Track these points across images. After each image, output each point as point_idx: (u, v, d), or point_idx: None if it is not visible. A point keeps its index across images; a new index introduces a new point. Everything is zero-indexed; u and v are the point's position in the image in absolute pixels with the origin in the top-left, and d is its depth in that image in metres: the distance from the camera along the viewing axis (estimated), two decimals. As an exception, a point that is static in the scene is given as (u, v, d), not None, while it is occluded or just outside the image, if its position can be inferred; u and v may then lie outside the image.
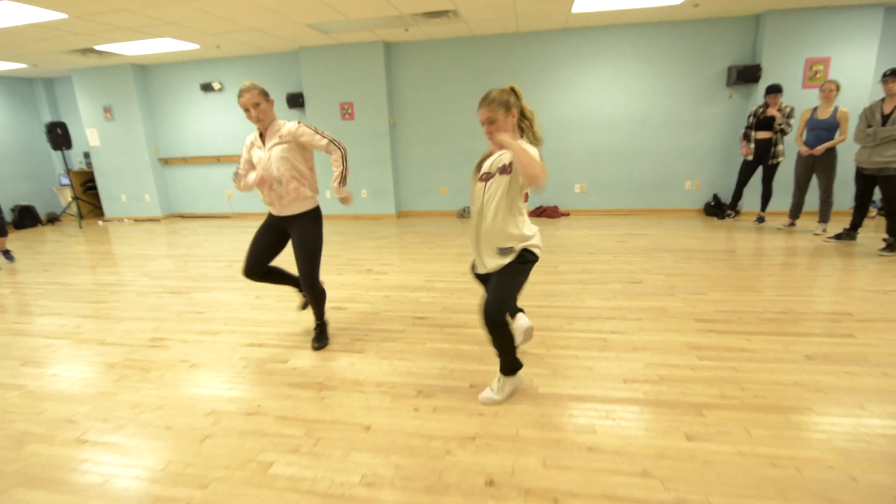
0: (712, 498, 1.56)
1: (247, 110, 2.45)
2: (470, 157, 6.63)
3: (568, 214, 6.57)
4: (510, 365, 2.15)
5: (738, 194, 5.68)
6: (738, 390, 2.19)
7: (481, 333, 2.91)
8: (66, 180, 7.71)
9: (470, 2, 4.57)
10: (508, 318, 2.10)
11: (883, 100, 4.18)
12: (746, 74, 5.54)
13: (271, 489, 1.69)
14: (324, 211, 2.75)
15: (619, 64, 6.01)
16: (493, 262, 2.04)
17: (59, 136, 7.02)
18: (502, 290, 1.98)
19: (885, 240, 4.28)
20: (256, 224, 2.84)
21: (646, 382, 2.29)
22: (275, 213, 2.64)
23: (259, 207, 7.52)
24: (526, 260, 2.03)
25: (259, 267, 2.71)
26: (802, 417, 1.97)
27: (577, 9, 4.95)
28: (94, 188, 7.93)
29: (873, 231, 5.00)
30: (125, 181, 7.59)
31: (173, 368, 2.65)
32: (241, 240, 5.99)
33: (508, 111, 1.97)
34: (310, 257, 2.61)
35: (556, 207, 6.55)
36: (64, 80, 7.82)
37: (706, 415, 2.02)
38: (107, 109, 7.22)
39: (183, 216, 7.81)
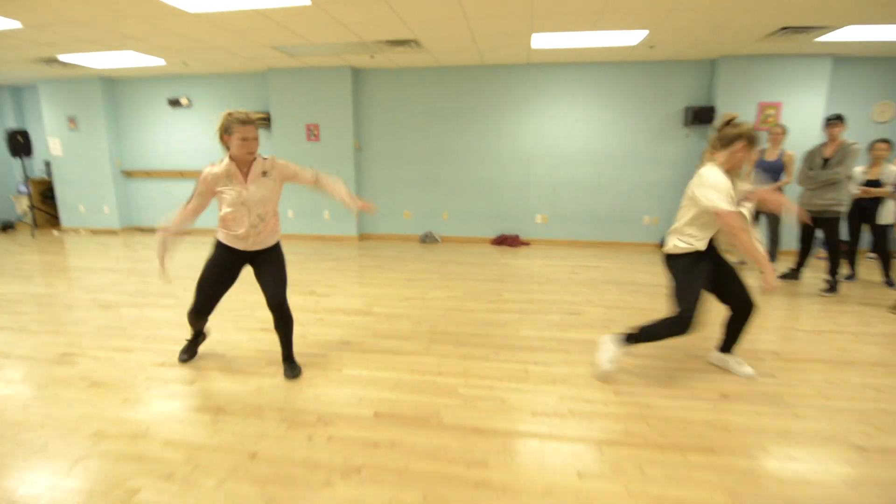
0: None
1: (244, 140, 2.27)
2: (433, 183, 6.67)
3: (528, 244, 6.58)
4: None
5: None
6: (645, 427, 2.14)
7: (402, 361, 2.84)
8: (24, 188, 7.54)
9: (429, 33, 4.67)
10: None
11: (825, 144, 4.32)
12: (702, 115, 5.71)
13: None
14: (283, 230, 2.62)
15: (582, 100, 6.16)
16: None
17: (19, 143, 6.89)
18: None
19: (826, 280, 4.35)
20: (209, 241, 2.55)
21: (554, 416, 2.23)
22: (242, 248, 2.48)
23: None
24: None
25: (211, 309, 2.62)
26: (701, 457, 1.93)
27: (535, 45, 5.09)
28: (53, 197, 7.76)
29: (820, 271, 5.09)
30: (85, 192, 7.44)
31: (72, 386, 2.51)
32: (191, 256, 5.85)
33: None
34: (283, 281, 2.55)
35: (517, 236, 6.57)
36: (30, 89, 7.75)
37: (605, 452, 1.96)
38: (71, 120, 7.14)
39: (142, 229, 7.65)
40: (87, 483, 1.76)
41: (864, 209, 4.50)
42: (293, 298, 4.06)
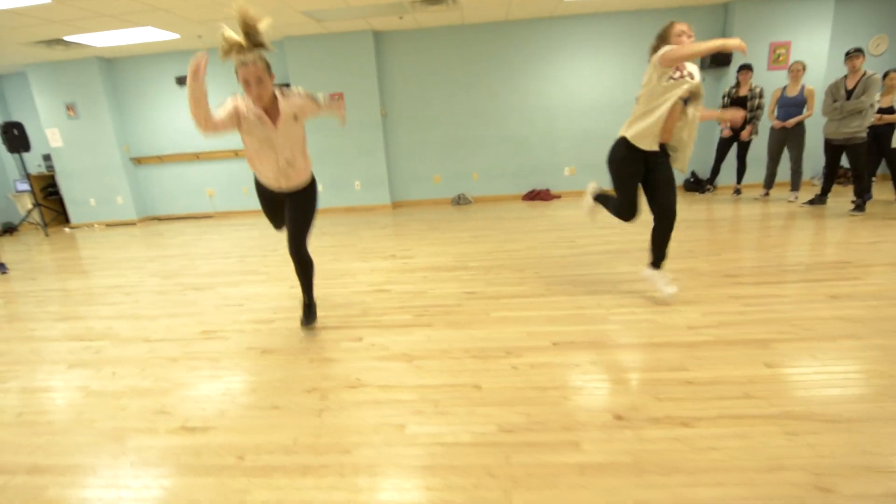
0: (813, 407, 1.79)
1: (246, 84, 2.04)
2: (461, 145, 6.75)
3: (559, 197, 6.84)
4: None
5: (716, 170, 6.15)
6: (790, 326, 2.46)
7: (537, 302, 3.06)
8: (24, 186, 7.09)
9: (472, -12, 4.68)
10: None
11: (846, 76, 4.70)
12: (719, 58, 6.00)
13: (417, 446, 1.75)
14: (327, 205, 2.74)
15: (602, 50, 6.32)
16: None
17: (15, 137, 6.45)
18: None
19: (853, 202, 4.82)
20: (240, 223, 2.82)
21: (709, 327, 2.52)
22: (275, 188, 2.43)
23: (243, 205, 7.27)
24: None
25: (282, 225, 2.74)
26: (853, 342, 2.26)
27: (570, -3, 5.19)
28: (57, 193, 7.35)
29: (840, 196, 5.60)
30: (93, 184, 7.09)
31: (245, 356, 2.60)
32: (232, 237, 5.78)
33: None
34: (305, 221, 2.48)
35: (547, 190, 6.80)
36: (16, 77, 7.17)
37: (773, 347, 2.27)
38: (69, 107, 6.71)
39: (160, 218, 7.40)
40: (351, 427, 1.92)
41: (879, 135, 4.96)
42: (380, 263, 4.19)
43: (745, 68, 5.56)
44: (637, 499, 1.45)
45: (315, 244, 5.08)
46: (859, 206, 4.77)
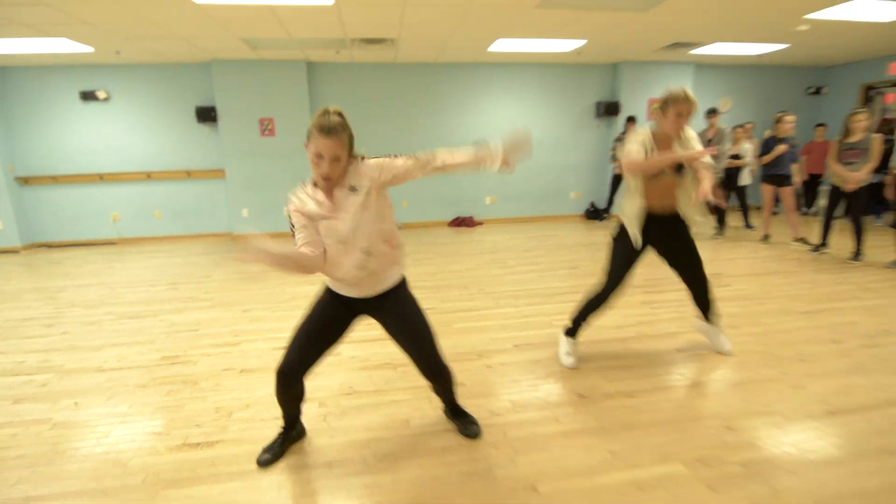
0: (715, 374, 2.39)
1: (319, 158, 1.53)
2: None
3: (482, 223, 7.45)
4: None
5: (610, 200, 7.23)
6: (689, 323, 3.14)
7: (487, 314, 3.46)
8: None
9: (410, 33, 5.14)
10: None
11: (706, 129, 5.96)
12: (609, 108, 7.16)
13: (426, 435, 2.02)
14: (242, 230, 2.72)
15: (520, 95, 7.17)
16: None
17: None
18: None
19: (714, 227, 6.06)
20: (155, 249, 2.26)
21: (631, 326, 3.12)
22: (358, 295, 1.76)
23: (154, 230, 6.79)
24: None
25: (302, 371, 1.78)
26: (732, 330, 2.99)
27: (493, 48, 5.90)
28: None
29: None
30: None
31: (224, 376, 2.62)
32: (151, 265, 5.43)
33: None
34: (430, 336, 1.84)
35: (471, 217, 7.38)
36: None
37: (680, 337, 2.91)
38: None
39: (50, 245, 6.60)
40: (360, 426, 2.11)
41: (731, 175, 6.31)
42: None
43: (631, 119, 6.73)
44: (609, 449, 1.88)
45: (249, 268, 5.01)
46: (719, 232, 6.00)
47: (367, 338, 2.94)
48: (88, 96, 6.21)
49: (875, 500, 1.57)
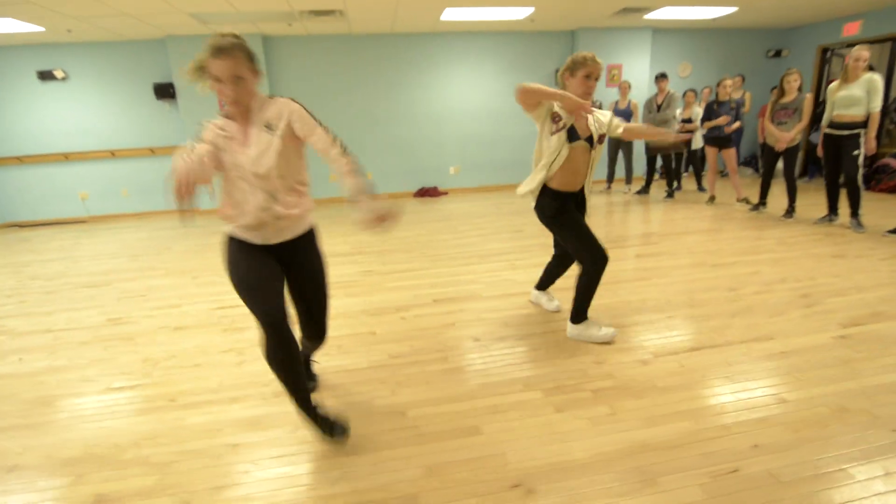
0: (638, 317, 2.63)
1: (217, 83, 1.44)
2: (354, 146, 7.20)
3: (447, 193, 7.61)
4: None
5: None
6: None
7: (420, 273, 3.68)
8: None
9: (357, 4, 5.19)
10: None
11: (656, 94, 6.07)
12: (569, 75, 7.23)
13: (326, 374, 2.25)
14: (208, 206, 2.94)
15: (478, 64, 7.22)
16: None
17: None
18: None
19: (666, 191, 6.24)
20: (122, 225, 2.33)
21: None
22: (261, 241, 1.64)
23: (121, 207, 6.93)
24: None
25: (283, 310, 1.56)
26: (639, 283, 3.22)
27: (444, 17, 5.93)
28: None
29: (661, 187, 7.10)
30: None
31: (158, 333, 2.84)
32: (123, 240, 5.60)
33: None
34: (327, 297, 1.79)
35: (436, 188, 7.53)
36: None
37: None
38: None
39: (21, 225, 6.74)
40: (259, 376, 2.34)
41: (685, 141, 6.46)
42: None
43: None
44: (481, 382, 2.12)
45: (209, 241, 5.20)
46: (670, 195, 6.19)
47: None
48: (46, 76, 6.25)
49: (695, 421, 1.81)
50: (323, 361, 2.36)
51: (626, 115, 6.58)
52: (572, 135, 2.23)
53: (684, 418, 1.79)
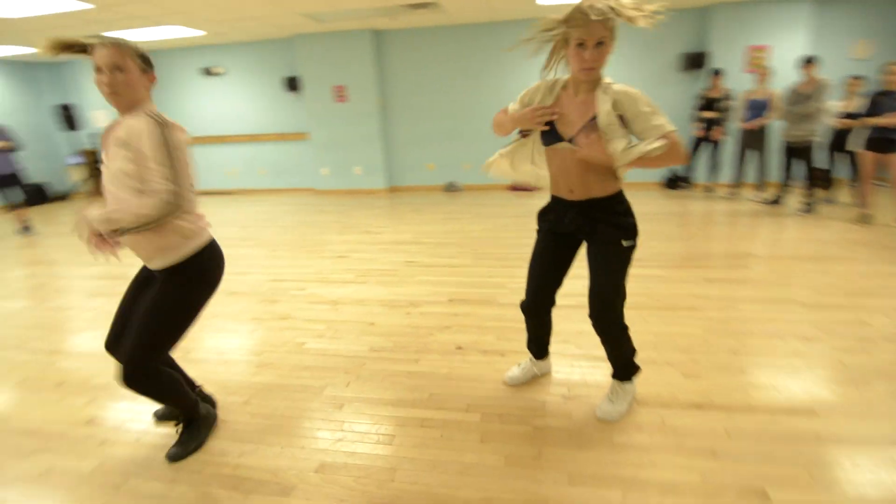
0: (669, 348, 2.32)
1: (98, 72, 1.42)
2: (454, 136, 7.31)
3: (542, 188, 7.28)
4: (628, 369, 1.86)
5: (689, 168, 6.44)
6: (646, 299, 2.94)
7: (458, 270, 3.65)
8: (75, 159, 8.21)
9: (451, -5, 5.21)
10: None
11: (802, 82, 4.93)
12: (695, 61, 6.27)
13: (307, 354, 2.43)
14: (319, 186, 3.04)
15: (587, 50, 6.69)
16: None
17: (69, 117, 7.52)
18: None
19: (802, 202, 5.08)
20: (252, 200, 2.89)
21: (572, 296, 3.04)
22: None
23: (258, 184, 8.12)
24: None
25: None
26: (684, 312, 2.74)
27: (541, 1, 5.61)
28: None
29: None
30: (133, 160, 8.13)
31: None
32: (245, 212, 6.60)
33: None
34: (151, 325, 1.56)
35: (529, 182, 7.26)
36: (70, 65, 8.26)
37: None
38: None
39: (188, 193, 8.38)
40: (269, 343, 2.60)
41: (839, 138, 5.17)
42: (354, 236, 4.85)
43: (717, 73, 5.82)
44: (433, 392, 2.07)
45: (308, 219, 5.82)
46: (807, 208, 5.03)
47: (339, 280, 3.38)
48: (208, 72, 7.58)
49: (625, 493, 1.53)
50: (310, 341, 2.54)
51: (762, 107, 5.49)
52: (550, 136, 1.64)
53: (615, 486, 1.52)
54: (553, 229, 1.82)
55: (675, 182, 6.76)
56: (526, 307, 1.95)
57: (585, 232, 1.72)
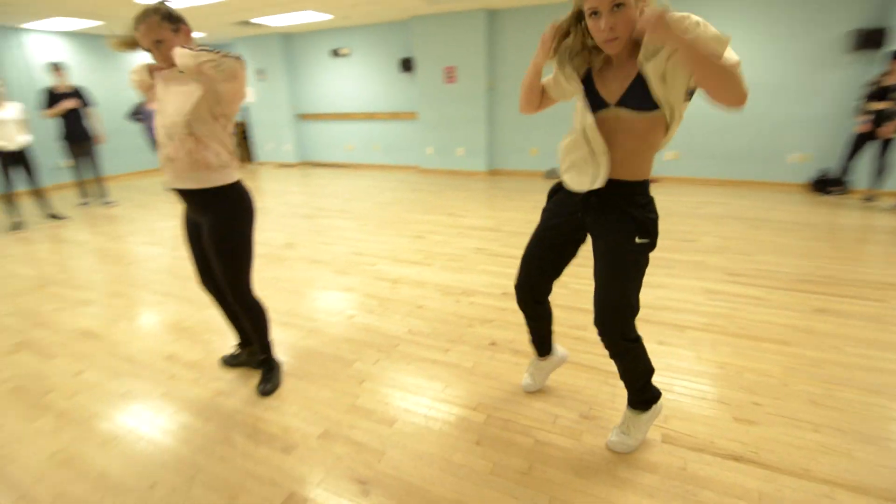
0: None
1: (149, 52, 1.67)
2: (561, 120, 6.96)
3: (656, 181, 6.63)
4: (643, 395, 1.64)
5: (845, 168, 5.31)
6: (727, 322, 2.56)
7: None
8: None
9: (564, -30, 4.88)
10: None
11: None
12: (870, 38, 5.05)
13: (353, 327, 2.59)
14: (423, 165, 3.17)
15: (736, 23, 5.79)
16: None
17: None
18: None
19: None
20: (364, 174, 3.27)
21: (644, 307, 2.76)
22: (170, 184, 1.77)
23: (371, 159, 8.67)
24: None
25: (206, 280, 2.00)
26: (769, 345, 2.33)
27: (676, -28, 4.97)
28: (247, 138, 9.77)
29: None
30: (270, 133, 9.26)
31: (298, 262, 3.71)
32: (354, 185, 7.12)
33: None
34: (229, 258, 1.81)
35: (642, 173, 6.64)
36: (229, 47, 9.60)
37: (682, 333, 2.47)
38: (260, 72, 8.79)
39: (314, 164, 9.30)
40: (321, 310, 2.83)
41: None
42: (435, 217, 4.97)
43: (897, 56, 4.64)
44: (449, 385, 2.08)
45: (402, 197, 6.09)
46: None
47: (407, 260, 3.53)
48: (335, 53, 8.20)
49: None
50: (360, 315, 2.72)
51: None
52: (594, 101, 1.38)
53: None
54: (560, 210, 1.60)
55: (826, 185, 5.64)
56: (517, 298, 1.77)
57: (594, 220, 1.48)
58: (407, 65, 7.54)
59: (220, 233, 1.78)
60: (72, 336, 2.61)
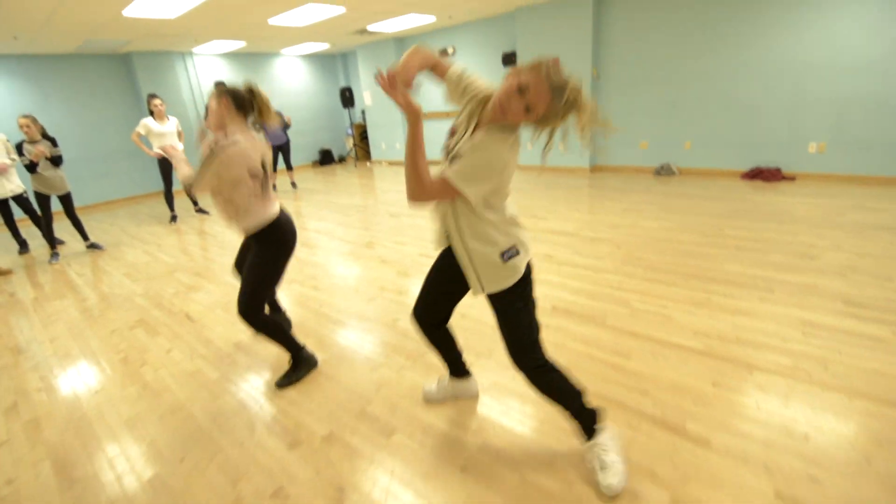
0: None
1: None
2: (677, 109, 6.24)
3: (793, 178, 5.55)
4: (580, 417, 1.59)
5: None
6: (818, 367, 2.09)
7: (590, 275, 3.29)
8: (350, 131, 10.51)
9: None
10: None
11: None
12: None
13: (390, 332, 2.70)
14: (524, 162, 3.11)
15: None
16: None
17: (346, 97, 9.60)
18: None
19: None
20: None
21: (716, 337, 2.37)
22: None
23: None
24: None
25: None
26: (867, 403, 1.85)
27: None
28: (366, 138, 10.56)
29: None
30: (384, 133, 9.88)
31: (371, 261, 3.95)
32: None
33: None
34: (247, 283, 2.13)
35: (778, 169, 5.61)
36: (352, 54, 10.43)
37: (750, 375, 2.08)
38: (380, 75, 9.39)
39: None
40: (375, 313, 2.99)
41: None
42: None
43: None
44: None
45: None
46: None
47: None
48: (442, 52, 8.39)
49: None
50: (403, 319, 2.81)
51: None
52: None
53: None
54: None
55: None
56: (413, 320, 1.84)
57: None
58: (508, 59, 7.41)
59: (253, 258, 2.17)
60: (176, 318, 3.17)
